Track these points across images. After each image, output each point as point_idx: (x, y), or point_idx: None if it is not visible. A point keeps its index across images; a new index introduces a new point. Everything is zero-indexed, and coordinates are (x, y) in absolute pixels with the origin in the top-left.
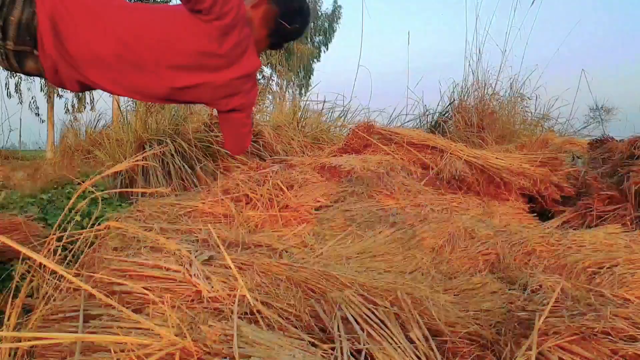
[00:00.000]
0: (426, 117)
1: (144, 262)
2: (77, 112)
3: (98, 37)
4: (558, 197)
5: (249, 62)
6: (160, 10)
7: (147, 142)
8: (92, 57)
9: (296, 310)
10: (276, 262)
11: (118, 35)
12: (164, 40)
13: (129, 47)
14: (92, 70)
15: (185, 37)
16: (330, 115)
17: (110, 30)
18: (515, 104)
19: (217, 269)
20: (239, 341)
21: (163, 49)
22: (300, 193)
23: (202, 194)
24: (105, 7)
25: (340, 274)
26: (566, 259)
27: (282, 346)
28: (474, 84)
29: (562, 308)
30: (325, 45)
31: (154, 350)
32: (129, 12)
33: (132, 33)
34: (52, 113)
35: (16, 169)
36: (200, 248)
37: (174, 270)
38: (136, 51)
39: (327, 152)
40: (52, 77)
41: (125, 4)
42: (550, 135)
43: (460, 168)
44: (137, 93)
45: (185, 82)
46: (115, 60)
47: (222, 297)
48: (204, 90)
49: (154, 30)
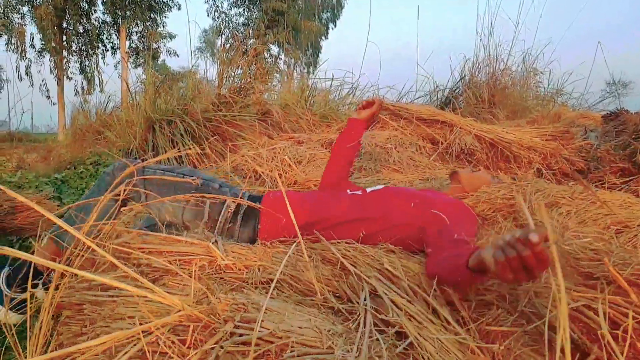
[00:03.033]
0: (436, 93)
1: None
2: (87, 94)
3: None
4: (568, 171)
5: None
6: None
7: (156, 123)
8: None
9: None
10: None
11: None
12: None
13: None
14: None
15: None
16: (339, 92)
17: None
18: (528, 78)
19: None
20: (250, 308)
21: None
22: (308, 169)
23: (212, 171)
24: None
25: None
26: (588, 214)
27: (295, 313)
28: (485, 59)
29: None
30: (333, 22)
31: (168, 319)
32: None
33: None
34: (62, 95)
35: (30, 151)
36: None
37: (189, 242)
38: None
39: (336, 129)
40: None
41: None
42: (562, 109)
43: (470, 142)
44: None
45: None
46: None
47: (237, 268)
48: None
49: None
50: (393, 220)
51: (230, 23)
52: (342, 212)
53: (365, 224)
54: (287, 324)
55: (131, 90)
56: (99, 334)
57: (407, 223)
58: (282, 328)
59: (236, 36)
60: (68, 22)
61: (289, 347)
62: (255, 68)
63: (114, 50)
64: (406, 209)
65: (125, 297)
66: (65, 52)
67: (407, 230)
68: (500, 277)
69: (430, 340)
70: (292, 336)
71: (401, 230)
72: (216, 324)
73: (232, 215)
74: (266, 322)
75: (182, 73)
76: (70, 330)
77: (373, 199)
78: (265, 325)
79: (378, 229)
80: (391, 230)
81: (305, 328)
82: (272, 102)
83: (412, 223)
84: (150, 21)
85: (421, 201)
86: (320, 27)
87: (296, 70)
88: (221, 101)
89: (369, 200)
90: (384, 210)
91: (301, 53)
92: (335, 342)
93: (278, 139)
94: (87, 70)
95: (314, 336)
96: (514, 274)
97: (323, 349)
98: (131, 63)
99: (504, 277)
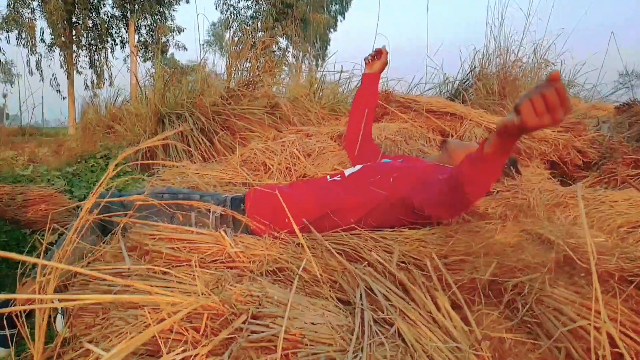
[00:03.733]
0: (446, 85)
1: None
2: (97, 88)
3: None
4: (580, 163)
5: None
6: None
7: (165, 116)
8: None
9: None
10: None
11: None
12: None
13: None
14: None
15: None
16: (348, 85)
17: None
18: (539, 70)
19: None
20: (264, 301)
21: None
22: (317, 161)
23: (221, 164)
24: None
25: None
26: (597, 214)
27: (308, 307)
28: (496, 51)
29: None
30: (341, 15)
31: (182, 307)
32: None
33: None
34: (72, 89)
35: (41, 145)
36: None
37: (198, 232)
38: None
39: (345, 122)
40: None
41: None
42: (574, 101)
43: (480, 134)
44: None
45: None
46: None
47: (245, 257)
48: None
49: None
50: (375, 200)
51: (238, 16)
52: (322, 205)
53: (348, 213)
54: (301, 320)
55: (140, 84)
56: (112, 323)
57: (389, 199)
58: (296, 325)
59: (244, 29)
60: (77, 17)
61: (302, 344)
62: (263, 61)
63: (122, 44)
64: (385, 185)
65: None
66: (74, 46)
67: (393, 206)
68: (526, 124)
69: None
70: (305, 333)
71: (387, 208)
72: (230, 314)
73: (220, 219)
74: (279, 319)
75: (190, 67)
76: (83, 321)
77: (351, 182)
78: (278, 322)
79: (361, 215)
80: (377, 211)
81: (318, 324)
82: (280, 95)
83: (394, 197)
84: (158, 15)
85: (399, 174)
86: (329, 19)
87: (304, 63)
88: (230, 94)
89: (348, 186)
90: (363, 193)
91: (309, 46)
92: (346, 339)
93: (287, 132)
94: (96, 65)
95: (327, 333)
96: (539, 117)
97: (336, 347)
98: (140, 57)
99: (530, 122)
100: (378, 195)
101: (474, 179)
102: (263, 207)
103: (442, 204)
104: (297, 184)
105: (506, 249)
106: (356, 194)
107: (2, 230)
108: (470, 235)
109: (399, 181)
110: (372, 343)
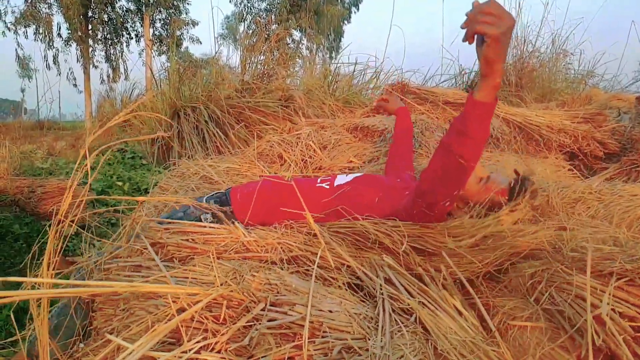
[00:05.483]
0: (462, 76)
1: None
2: (113, 82)
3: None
4: (601, 154)
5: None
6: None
7: (181, 110)
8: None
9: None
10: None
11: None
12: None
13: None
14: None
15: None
16: (362, 77)
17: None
18: (557, 60)
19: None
20: (282, 289)
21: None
22: (333, 154)
23: (237, 157)
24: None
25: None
26: (615, 208)
27: (325, 295)
28: (513, 41)
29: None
30: (355, 6)
31: (202, 297)
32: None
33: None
34: (88, 83)
35: (59, 139)
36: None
37: (212, 226)
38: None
39: (360, 113)
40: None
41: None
42: (594, 91)
43: (497, 126)
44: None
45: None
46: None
47: (258, 246)
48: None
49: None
50: (357, 213)
51: (252, 9)
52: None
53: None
54: (318, 308)
55: (155, 78)
56: (133, 313)
57: (370, 215)
58: (314, 313)
59: (258, 22)
60: (93, 11)
61: (320, 331)
62: (277, 54)
63: (138, 38)
64: (370, 203)
65: (158, 278)
66: (90, 40)
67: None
68: (493, 35)
69: (447, 334)
70: (323, 320)
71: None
72: (249, 302)
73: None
74: (298, 307)
75: (205, 60)
76: (103, 314)
77: (336, 195)
78: (297, 309)
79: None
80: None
81: (335, 312)
82: (294, 88)
83: (381, 215)
84: (173, 8)
85: (385, 195)
86: (342, 11)
87: (318, 56)
88: (244, 87)
89: (332, 200)
90: (348, 205)
91: (323, 38)
92: (364, 327)
93: (302, 124)
94: (112, 59)
95: (345, 321)
96: (497, 25)
97: (355, 335)
98: (155, 50)
99: (493, 32)
100: (360, 211)
101: (464, 132)
102: (254, 207)
103: (437, 178)
104: (272, 180)
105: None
106: (335, 213)
107: (24, 222)
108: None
109: (384, 202)
110: (393, 331)
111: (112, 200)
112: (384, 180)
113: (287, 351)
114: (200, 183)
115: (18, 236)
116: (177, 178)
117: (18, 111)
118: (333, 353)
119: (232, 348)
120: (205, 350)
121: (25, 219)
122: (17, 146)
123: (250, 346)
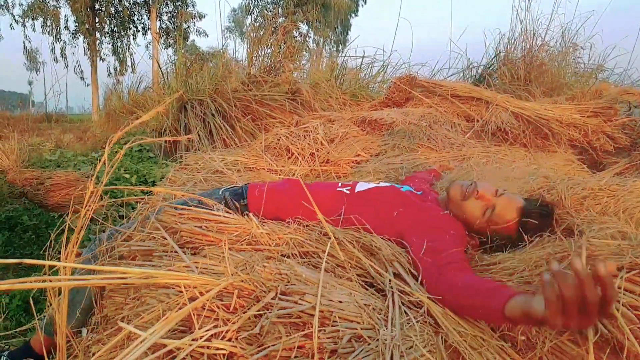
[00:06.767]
0: (470, 70)
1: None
2: (120, 75)
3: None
4: (610, 149)
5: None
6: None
7: (187, 103)
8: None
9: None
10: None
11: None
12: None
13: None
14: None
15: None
16: (369, 71)
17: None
18: (567, 54)
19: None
20: (292, 279)
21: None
22: (341, 147)
23: (244, 150)
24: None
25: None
26: (626, 203)
27: (335, 286)
28: (522, 35)
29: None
30: None
31: (214, 286)
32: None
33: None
34: (95, 76)
35: (66, 131)
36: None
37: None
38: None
39: (368, 106)
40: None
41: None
42: (604, 85)
43: (506, 120)
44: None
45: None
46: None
47: (271, 239)
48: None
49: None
50: (371, 224)
51: (259, 1)
52: (324, 210)
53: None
54: (328, 298)
55: (162, 71)
56: (144, 301)
57: (385, 229)
58: (324, 302)
59: (265, 15)
60: (100, 4)
61: (330, 320)
62: (284, 47)
63: (144, 31)
64: (388, 216)
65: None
66: (98, 33)
67: (385, 232)
68: (550, 323)
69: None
70: (333, 310)
71: (379, 231)
72: (259, 291)
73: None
74: (308, 296)
75: (211, 53)
76: (114, 302)
77: (356, 201)
78: (307, 299)
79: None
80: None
81: (345, 302)
82: (301, 81)
83: (391, 230)
84: (180, 1)
85: (405, 210)
86: (350, 3)
87: (325, 49)
88: (251, 80)
89: (352, 206)
90: (363, 215)
91: (330, 31)
92: (374, 317)
93: (308, 118)
94: (119, 52)
95: (355, 311)
96: (565, 319)
97: (364, 325)
98: (162, 43)
99: (554, 323)
100: (375, 224)
101: (459, 304)
102: (267, 204)
103: (429, 282)
104: (293, 181)
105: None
106: (351, 219)
107: (33, 213)
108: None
109: (402, 217)
110: (403, 322)
111: (122, 193)
112: (406, 195)
113: (297, 340)
114: (209, 175)
115: (27, 227)
116: (185, 170)
117: (26, 104)
118: (342, 341)
119: (243, 336)
120: (216, 338)
121: (34, 210)
122: (25, 139)
123: (261, 335)
